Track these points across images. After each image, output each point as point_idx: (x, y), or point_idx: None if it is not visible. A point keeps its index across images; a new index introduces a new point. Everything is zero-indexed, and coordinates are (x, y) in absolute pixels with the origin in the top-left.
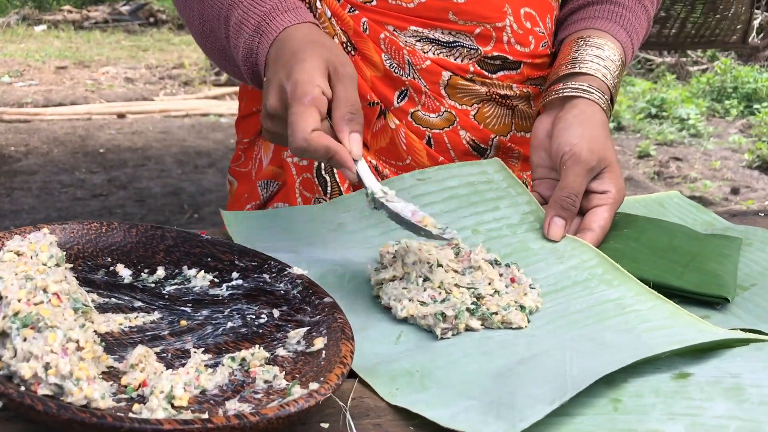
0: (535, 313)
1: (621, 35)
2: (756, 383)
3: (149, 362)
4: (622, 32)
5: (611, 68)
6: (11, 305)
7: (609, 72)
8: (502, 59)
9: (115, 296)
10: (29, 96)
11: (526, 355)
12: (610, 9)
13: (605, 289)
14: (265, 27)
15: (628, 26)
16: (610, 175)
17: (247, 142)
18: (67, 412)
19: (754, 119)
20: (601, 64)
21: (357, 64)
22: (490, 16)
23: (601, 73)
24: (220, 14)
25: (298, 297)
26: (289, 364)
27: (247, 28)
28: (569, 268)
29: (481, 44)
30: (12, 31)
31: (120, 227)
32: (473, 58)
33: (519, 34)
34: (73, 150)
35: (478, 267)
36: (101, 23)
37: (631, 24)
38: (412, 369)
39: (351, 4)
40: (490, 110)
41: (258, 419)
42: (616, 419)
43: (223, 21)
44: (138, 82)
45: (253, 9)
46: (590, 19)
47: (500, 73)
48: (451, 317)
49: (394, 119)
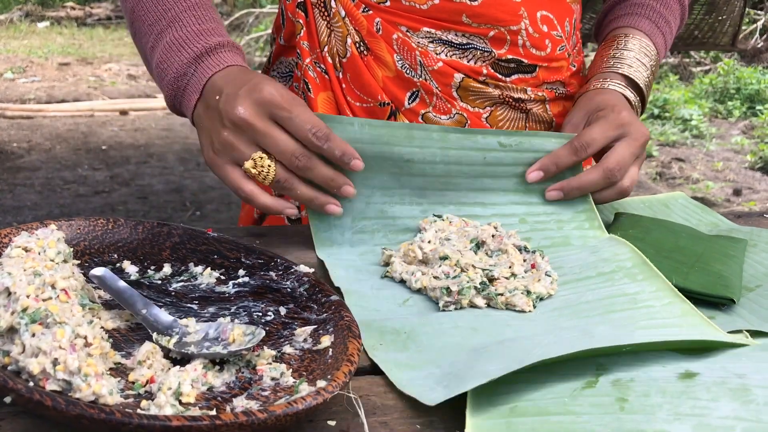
0: (545, 299)
1: (655, 35)
2: (762, 384)
3: (156, 359)
4: (655, 31)
5: (646, 67)
6: (20, 301)
7: (641, 73)
8: (516, 62)
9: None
10: (32, 92)
11: (510, 336)
12: (644, 3)
13: (627, 283)
14: (207, 59)
15: (661, 22)
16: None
17: None
18: (75, 408)
19: (757, 120)
20: (638, 67)
21: (369, 63)
22: (504, 19)
23: (635, 76)
24: (153, 23)
25: (304, 295)
26: (296, 361)
27: (184, 53)
28: (599, 260)
29: (495, 47)
30: (15, 27)
31: (126, 224)
32: (487, 60)
33: (535, 38)
34: (76, 147)
35: (505, 250)
36: (104, 20)
37: (665, 19)
38: (401, 329)
39: (365, 4)
40: (503, 113)
41: (266, 416)
42: (622, 419)
43: (154, 32)
44: (140, 79)
45: (197, 39)
46: (626, 17)
47: (514, 77)
48: (455, 292)
49: (404, 120)
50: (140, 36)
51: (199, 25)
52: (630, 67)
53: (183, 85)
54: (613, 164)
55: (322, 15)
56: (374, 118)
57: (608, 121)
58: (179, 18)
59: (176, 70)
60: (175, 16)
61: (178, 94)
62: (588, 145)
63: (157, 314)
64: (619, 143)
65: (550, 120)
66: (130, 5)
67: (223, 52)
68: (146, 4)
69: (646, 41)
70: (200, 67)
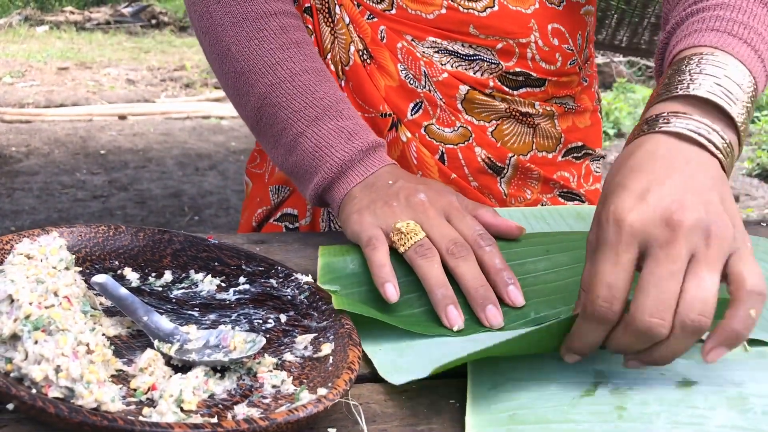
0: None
1: (750, 58)
2: (759, 393)
3: (158, 366)
4: (750, 52)
5: (736, 96)
6: (23, 308)
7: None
8: (525, 75)
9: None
10: (30, 96)
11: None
12: (730, 17)
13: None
14: (378, 151)
15: (759, 44)
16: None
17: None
18: (78, 415)
19: (754, 127)
20: (721, 89)
21: (372, 72)
22: (513, 31)
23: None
24: (299, 110)
25: (305, 302)
26: (296, 369)
27: (356, 142)
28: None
29: (502, 59)
30: (14, 31)
31: (127, 231)
32: (494, 72)
33: (545, 51)
34: (74, 151)
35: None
36: (103, 24)
37: (764, 40)
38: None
39: (370, 11)
40: (509, 127)
41: (267, 424)
42: (621, 427)
43: (290, 137)
44: (139, 84)
45: (366, 132)
46: (702, 33)
47: (522, 90)
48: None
49: (406, 132)
50: (275, 122)
51: (357, 119)
52: (701, 86)
53: (346, 168)
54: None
55: (326, 21)
56: (375, 129)
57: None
58: (336, 107)
59: (343, 155)
60: (331, 106)
61: (336, 177)
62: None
63: (158, 321)
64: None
65: (558, 136)
66: (260, 92)
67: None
68: (287, 89)
69: (735, 63)
70: (372, 156)
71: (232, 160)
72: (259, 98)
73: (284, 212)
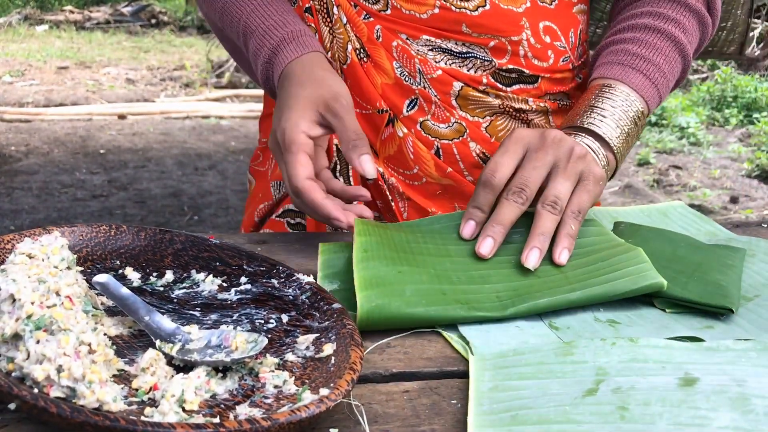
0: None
1: (645, 86)
2: (761, 393)
3: (160, 366)
4: (646, 82)
5: (621, 126)
6: (24, 308)
7: (615, 132)
8: (518, 72)
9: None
10: (30, 96)
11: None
12: (635, 52)
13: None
14: (275, 60)
15: (655, 73)
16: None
17: (266, 141)
18: (80, 415)
19: (754, 128)
20: (611, 124)
21: (369, 70)
22: (505, 30)
23: (608, 135)
24: (239, 35)
25: (306, 303)
26: (298, 369)
27: (261, 58)
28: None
29: (495, 56)
30: (14, 30)
31: (129, 230)
32: (487, 69)
33: (537, 49)
34: (74, 150)
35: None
36: (103, 24)
37: (660, 70)
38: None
39: (366, 11)
40: (503, 123)
41: (269, 424)
42: (623, 428)
43: (242, 44)
44: (139, 84)
45: (265, 41)
46: (611, 65)
47: (515, 87)
48: None
49: (402, 128)
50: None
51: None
52: (592, 121)
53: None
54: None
55: (325, 21)
56: (372, 125)
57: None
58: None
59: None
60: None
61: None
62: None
63: (159, 321)
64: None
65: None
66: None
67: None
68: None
69: (627, 92)
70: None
71: (232, 159)
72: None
73: (286, 208)
